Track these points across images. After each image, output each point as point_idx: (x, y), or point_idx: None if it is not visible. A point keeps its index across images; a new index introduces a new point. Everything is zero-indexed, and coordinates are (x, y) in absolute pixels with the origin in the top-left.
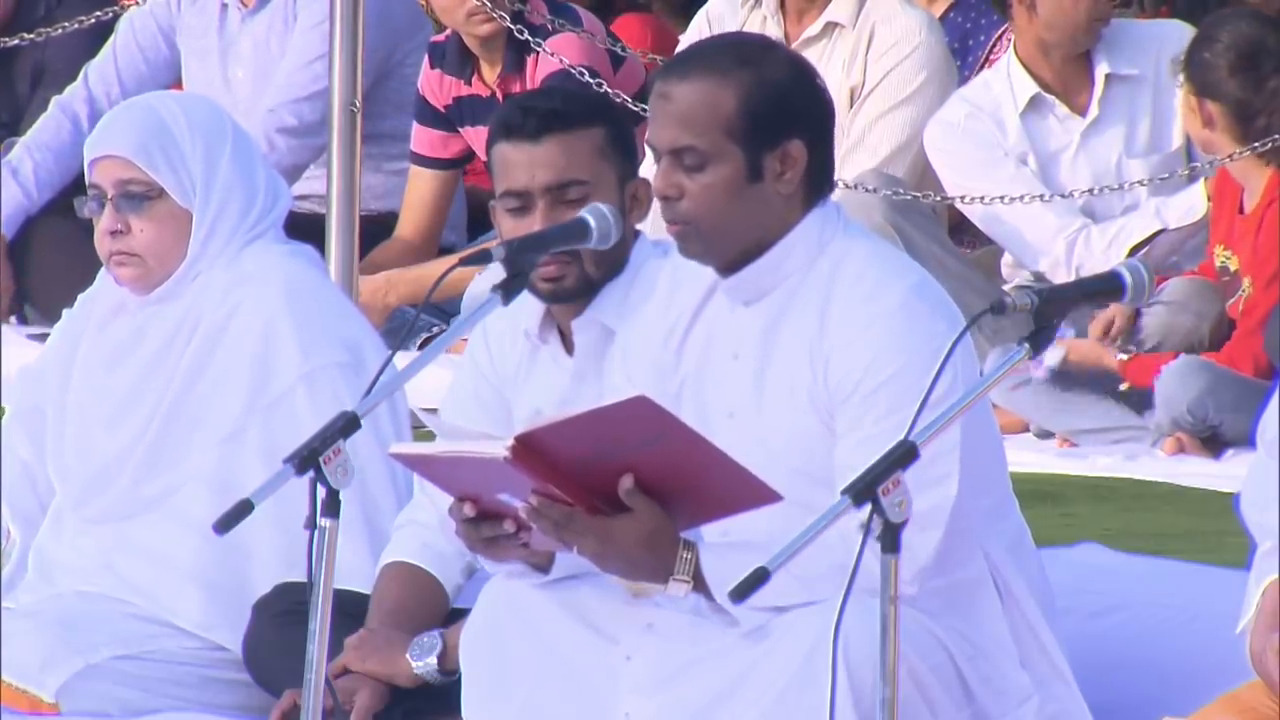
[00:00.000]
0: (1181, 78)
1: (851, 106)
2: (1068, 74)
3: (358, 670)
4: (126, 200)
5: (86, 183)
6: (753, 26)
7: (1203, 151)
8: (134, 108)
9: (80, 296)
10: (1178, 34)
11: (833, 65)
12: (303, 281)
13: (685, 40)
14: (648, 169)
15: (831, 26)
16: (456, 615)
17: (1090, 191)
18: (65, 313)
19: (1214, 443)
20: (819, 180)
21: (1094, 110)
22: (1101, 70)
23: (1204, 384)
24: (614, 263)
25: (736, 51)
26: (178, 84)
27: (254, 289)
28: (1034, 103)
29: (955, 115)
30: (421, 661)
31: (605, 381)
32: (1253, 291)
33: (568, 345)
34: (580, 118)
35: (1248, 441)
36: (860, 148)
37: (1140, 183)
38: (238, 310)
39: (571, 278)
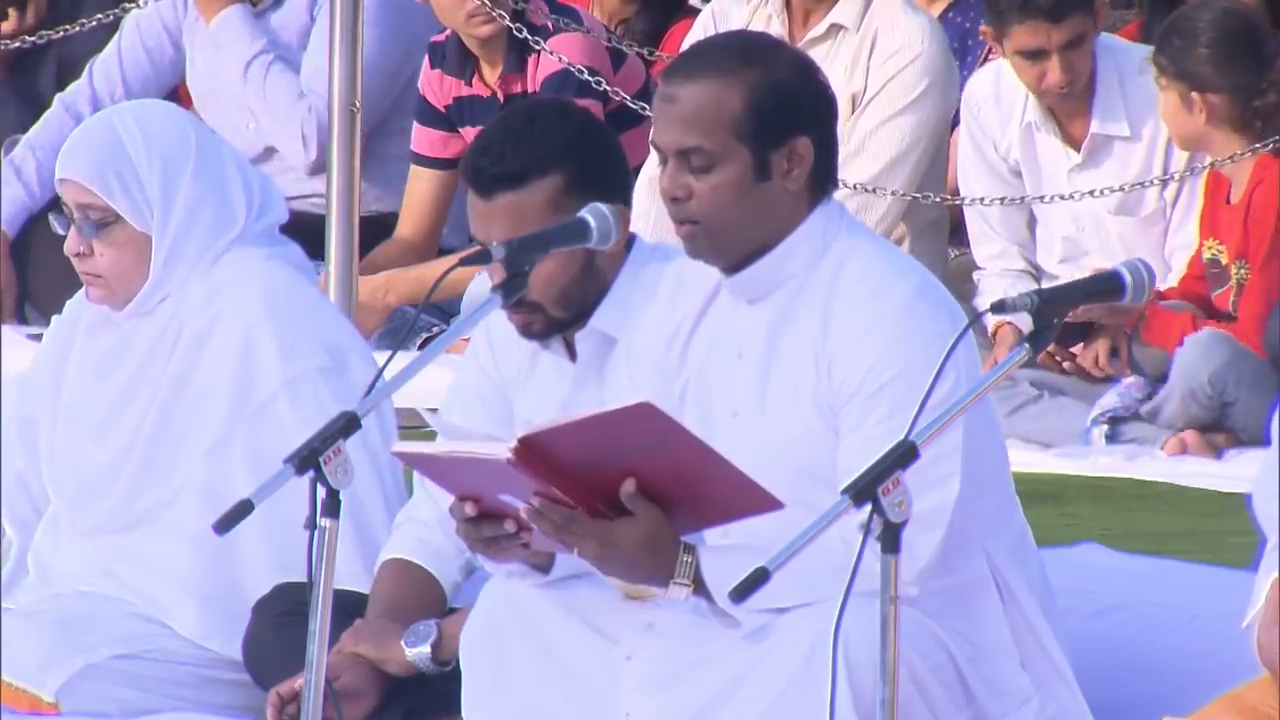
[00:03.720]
0: (1163, 80)
1: (853, 112)
2: (1067, 107)
3: (350, 650)
4: (88, 224)
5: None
6: (757, 24)
7: (1188, 148)
8: (93, 129)
9: (69, 302)
10: None
11: (835, 69)
12: (281, 286)
13: (691, 37)
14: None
15: (836, 29)
16: (453, 614)
17: (1043, 197)
18: (54, 319)
19: (1216, 429)
20: (823, 178)
21: (1083, 155)
22: (1095, 124)
23: (1226, 357)
24: (587, 296)
25: (740, 50)
26: (182, 84)
27: (233, 296)
28: (1032, 123)
29: (983, 92)
30: (415, 649)
31: (608, 385)
32: (1250, 275)
33: (571, 351)
34: (535, 171)
35: (1250, 431)
36: (861, 154)
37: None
38: (218, 319)
39: (539, 324)
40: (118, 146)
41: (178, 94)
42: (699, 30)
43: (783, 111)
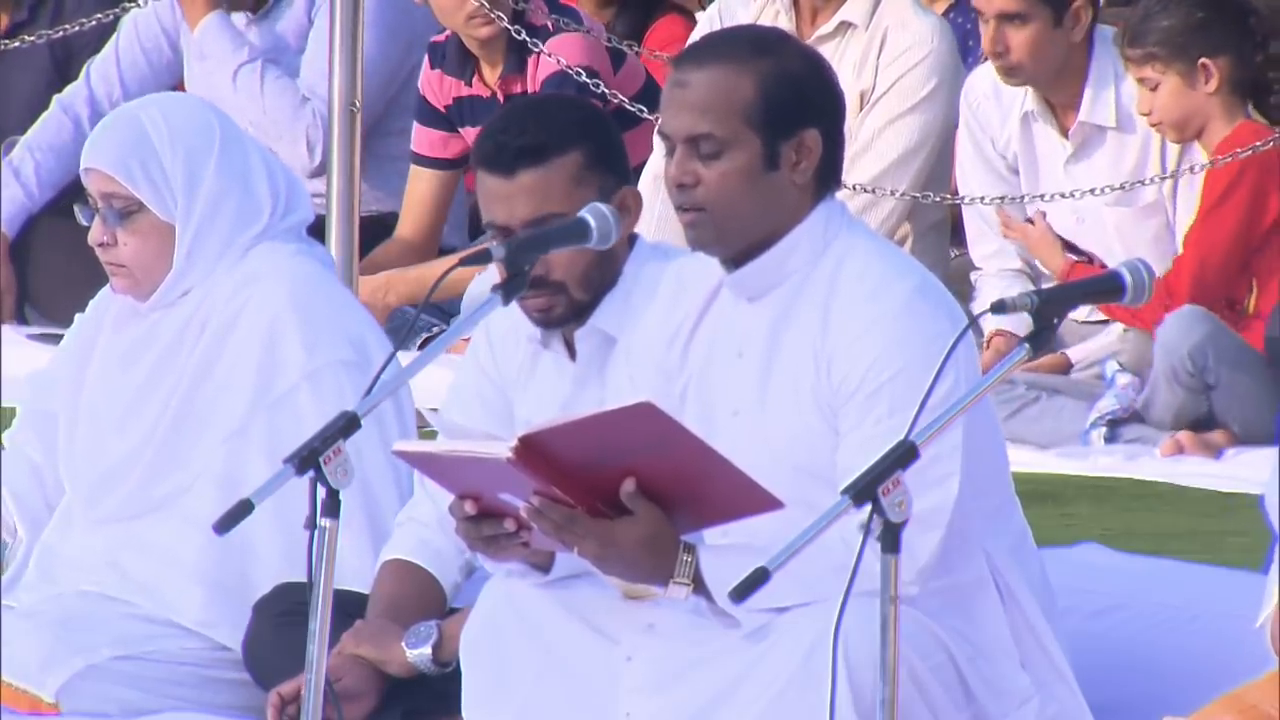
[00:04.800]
0: (1156, 68)
1: (861, 109)
2: (1061, 97)
3: (351, 652)
4: (111, 213)
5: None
6: (765, 21)
7: (1185, 134)
8: (117, 119)
9: (93, 299)
10: None
11: (844, 66)
12: (308, 279)
13: (696, 34)
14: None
15: (845, 26)
16: (453, 614)
17: (1064, 195)
18: (77, 316)
19: (1207, 425)
20: (828, 175)
21: (1073, 145)
22: (1082, 113)
23: (1205, 332)
24: (603, 279)
25: (753, 41)
26: (180, 85)
27: (260, 288)
28: (1029, 113)
29: (982, 88)
30: (416, 650)
31: (609, 385)
32: (1194, 221)
33: (571, 350)
34: (556, 146)
35: (1241, 423)
36: (868, 152)
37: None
38: (244, 309)
39: (560, 307)
40: (142, 136)
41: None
42: (704, 26)
43: (793, 102)
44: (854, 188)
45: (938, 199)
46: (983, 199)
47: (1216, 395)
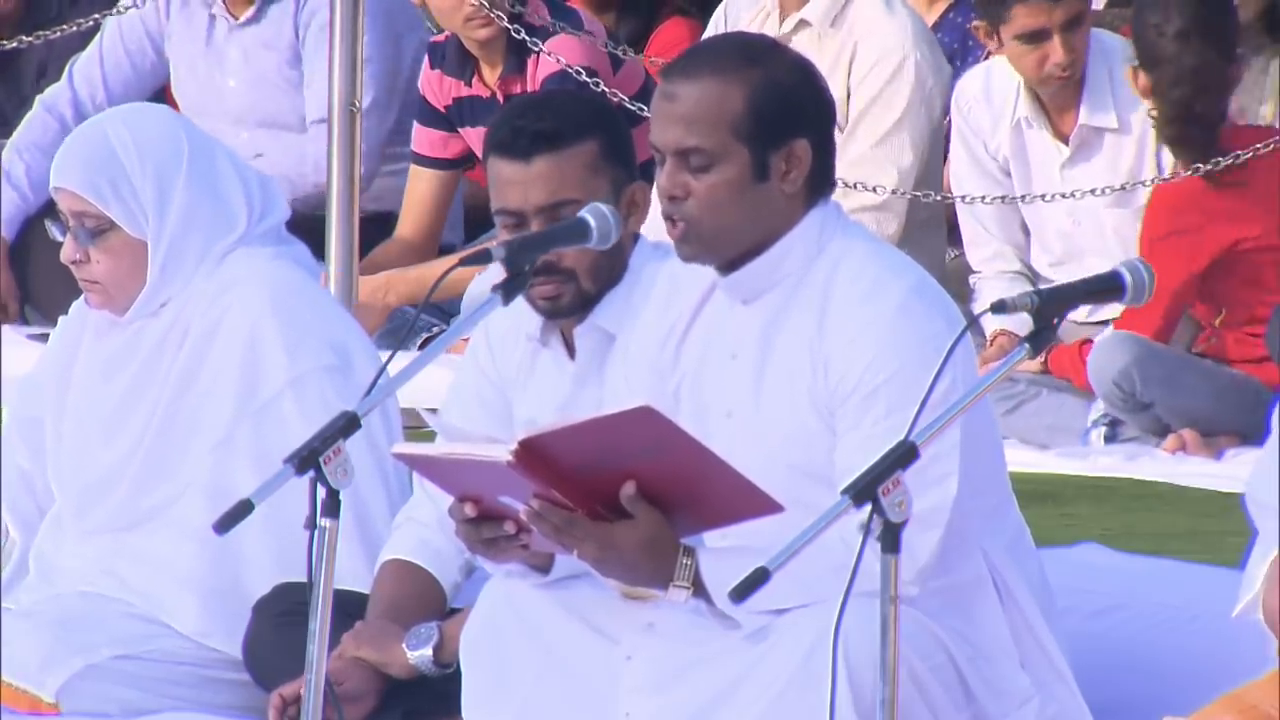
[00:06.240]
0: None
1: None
2: (1058, 101)
3: (352, 655)
4: (83, 232)
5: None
6: (758, 19)
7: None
8: (86, 136)
9: (75, 304)
10: None
11: None
12: (287, 285)
13: (707, 35)
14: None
15: (803, 25)
16: (454, 615)
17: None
18: (60, 319)
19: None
20: (820, 180)
21: (1072, 148)
22: (1082, 116)
23: (1131, 357)
24: (612, 272)
25: (741, 50)
26: (166, 89)
27: (239, 294)
28: (1023, 120)
29: (973, 91)
30: (417, 651)
31: (608, 384)
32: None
33: (570, 348)
34: (573, 134)
35: (1202, 425)
36: (857, 186)
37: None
38: (224, 316)
39: (568, 295)
40: (110, 154)
41: (164, 97)
42: (711, 28)
43: (783, 113)
44: (855, 185)
45: (937, 198)
46: (983, 199)
47: (1162, 410)
